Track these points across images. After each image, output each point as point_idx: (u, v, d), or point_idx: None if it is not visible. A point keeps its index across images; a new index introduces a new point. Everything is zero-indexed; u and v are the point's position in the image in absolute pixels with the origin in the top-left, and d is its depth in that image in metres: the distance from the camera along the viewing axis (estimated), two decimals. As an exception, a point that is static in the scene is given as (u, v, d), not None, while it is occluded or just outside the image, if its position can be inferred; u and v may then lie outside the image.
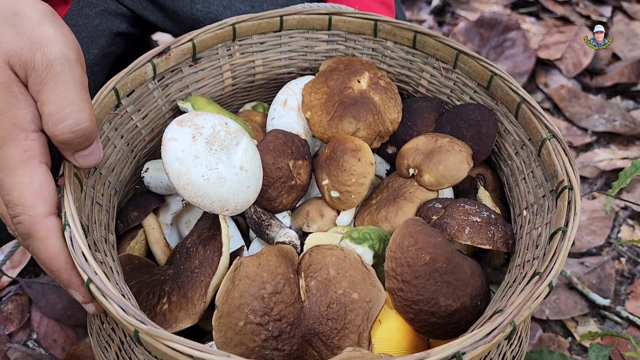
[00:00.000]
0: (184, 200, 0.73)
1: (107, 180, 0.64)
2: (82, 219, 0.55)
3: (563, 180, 0.60)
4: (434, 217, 0.63)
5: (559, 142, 0.63)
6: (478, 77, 0.74)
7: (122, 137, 0.68)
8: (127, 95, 0.69)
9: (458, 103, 0.78)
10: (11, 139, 0.50)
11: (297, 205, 0.76)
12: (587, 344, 1.08)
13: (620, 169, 1.46)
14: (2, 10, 0.52)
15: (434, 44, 0.77)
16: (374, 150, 0.76)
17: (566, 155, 0.62)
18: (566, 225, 0.55)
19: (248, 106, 0.86)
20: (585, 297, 1.18)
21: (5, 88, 0.50)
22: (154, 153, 0.76)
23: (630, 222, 1.37)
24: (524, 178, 0.68)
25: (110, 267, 0.55)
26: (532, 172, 0.67)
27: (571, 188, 0.59)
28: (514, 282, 0.57)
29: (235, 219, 0.76)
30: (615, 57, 1.86)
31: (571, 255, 1.30)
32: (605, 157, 1.53)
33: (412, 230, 0.58)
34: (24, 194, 0.51)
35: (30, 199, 0.51)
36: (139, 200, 0.71)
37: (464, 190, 0.78)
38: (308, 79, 0.80)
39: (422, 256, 0.56)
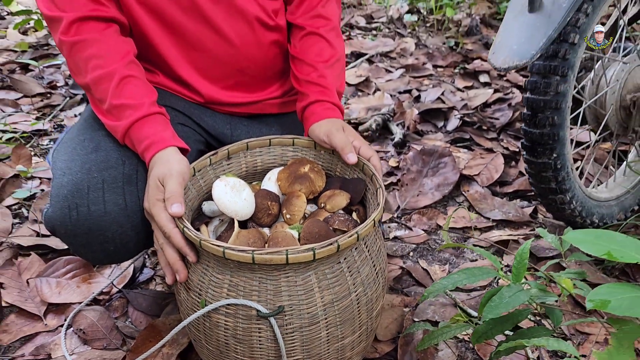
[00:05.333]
0: (219, 216, 1.57)
1: (189, 206, 1.50)
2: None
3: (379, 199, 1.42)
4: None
5: (379, 185, 1.46)
6: (359, 166, 1.60)
7: (195, 190, 1.55)
8: (198, 171, 1.57)
9: (349, 177, 1.63)
10: (159, 199, 1.38)
11: (271, 224, 1.59)
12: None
13: (507, 241, 2.23)
14: (163, 160, 1.44)
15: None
16: (308, 200, 1.59)
17: (380, 188, 1.44)
18: (378, 204, 1.37)
19: (254, 183, 1.73)
20: (463, 310, 1.90)
21: (156, 187, 1.39)
22: (207, 198, 1.62)
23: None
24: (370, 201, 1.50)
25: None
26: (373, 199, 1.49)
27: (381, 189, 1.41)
28: (353, 241, 1.38)
29: (243, 232, 1.59)
30: (521, 174, 2.69)
31: (462, 290, 2.02)
32: (497, 234, 2.30)
33: (312, 220, 1.40)
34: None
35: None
36: (199, 217, 1.55)
37: (353, 218, 1.59)
38: (280, 168, 1.67)
39: (315, 230, 1.38)
